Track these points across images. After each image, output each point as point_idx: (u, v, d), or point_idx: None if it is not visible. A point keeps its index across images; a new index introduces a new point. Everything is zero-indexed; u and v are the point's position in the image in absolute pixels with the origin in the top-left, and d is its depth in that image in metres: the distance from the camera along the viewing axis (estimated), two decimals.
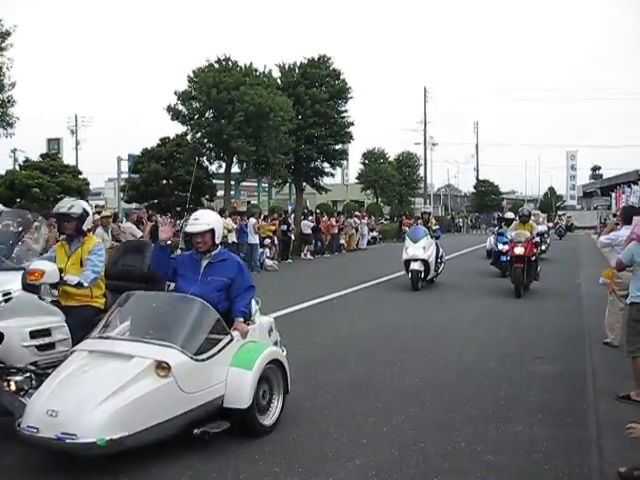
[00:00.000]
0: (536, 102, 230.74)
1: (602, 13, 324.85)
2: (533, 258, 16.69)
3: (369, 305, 15.34)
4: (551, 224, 34.26)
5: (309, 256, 29.37)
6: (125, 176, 33.08)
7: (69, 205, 6.73)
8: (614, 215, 23.72)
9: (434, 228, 19.24)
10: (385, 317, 13.59)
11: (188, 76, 28.77)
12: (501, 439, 6.32)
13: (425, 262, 17.82)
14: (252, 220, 24.04)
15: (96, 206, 36.01)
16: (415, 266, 17.61)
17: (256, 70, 29.81)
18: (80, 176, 27.27)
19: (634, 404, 7.36)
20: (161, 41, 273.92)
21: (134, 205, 29.17)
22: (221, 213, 23.44)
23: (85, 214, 6.75)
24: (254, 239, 23.66)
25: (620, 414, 7.06)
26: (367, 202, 58.37)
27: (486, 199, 75.07)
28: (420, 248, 17.78)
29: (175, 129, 29.40)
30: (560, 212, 72.19)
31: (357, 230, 35.97)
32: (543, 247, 24.63)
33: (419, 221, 19.93)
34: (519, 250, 16.11)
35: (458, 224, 69.57)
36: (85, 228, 6.80)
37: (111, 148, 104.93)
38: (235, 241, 22.59)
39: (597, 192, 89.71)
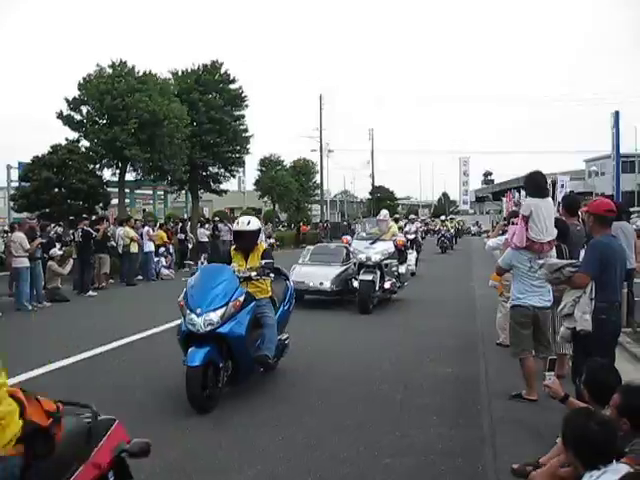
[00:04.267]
0: (430, 109, 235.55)
1: (498, 20, 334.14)
2: None
3: None
4: (399, 239, 17.39)
5: (206, 264, 29.09)
6: (15, 184, 32.10)
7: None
8: (505, 219, 23.78)
9: None
10: None
11: (79, 83, 28.24)
12: (398, 442, 6.38)
13: None
14: (146, 228, 23.70)
15: None
16: None
17: (154, 75, 29.49)
18: None
19: (525, 402, 7.56)
20: (51, 44, 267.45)
21: (25, 214, 28.30)
22: (125, 222, 23.08)
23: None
24: (148, 247, 23.31)
25: (513, 413, 7.27)
26: (264, 209, 58.36)
27: (382, 205, 76.13)
28: None
29: (67, 135, 28.70)
30: (442, 217, 56.42)
31: None
32: (387, 284, 15.42)
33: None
34: None
35: (355, 230, 70.34)
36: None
37: (0, 156, 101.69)
38: (136, 251, 22.18)
39: (489, 197, 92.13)
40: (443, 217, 54.27)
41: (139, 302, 17.69)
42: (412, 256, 22.63)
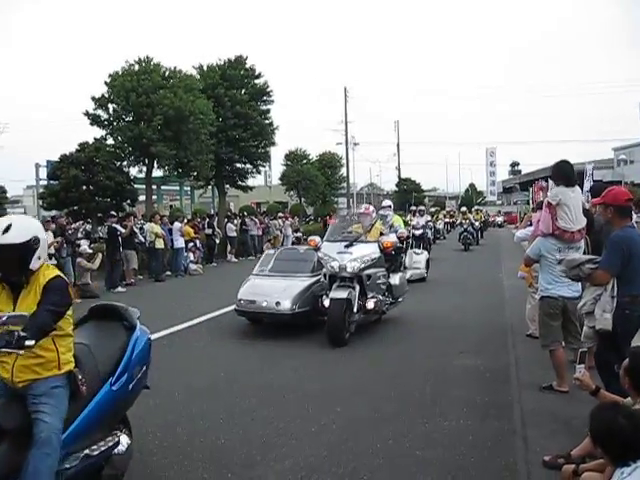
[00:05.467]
0: (456, 100, 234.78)
1: (528, 11, 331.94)
2: None
3: None
4: (386, 240, 11.82)
5: (234, 259, 29.18)
6: (44, 183, 32.41)
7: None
8: (532, 209, 23.23)
9: None
10: None
11: (105, 81, 28.42)
12: (428, 434, 6.38)
13: None
14: (177, 224, 23.79)
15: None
16: None
17: (180, 72, 29.62)
18: None
19: (556, 394, 7.52)
20: (80, 44, 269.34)
21: (53, 212, 28.58)
22: (151, 217, 23.30)
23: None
24: (179, 243, 23.43)
25: (544, 405, 7.22)
26: (291, 203, 58.39)
27: (408, 197, 75.86)
28: None
29: (94, 133, 29.00)
30: (464, 208, 45.53)
31: (281, 231, 35.90)
32: (370, 304, 11.19)
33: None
34: None
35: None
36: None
37: (29, 155, 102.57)
38: (162, 247, 22.25)
39: (516, 187, 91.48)
40: (464, 208, 44.10)
41: (166, 298, 17.69)
42: (422, 257, 20.11)
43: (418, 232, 24.33)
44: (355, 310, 10.83)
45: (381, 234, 12.24)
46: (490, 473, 5.47)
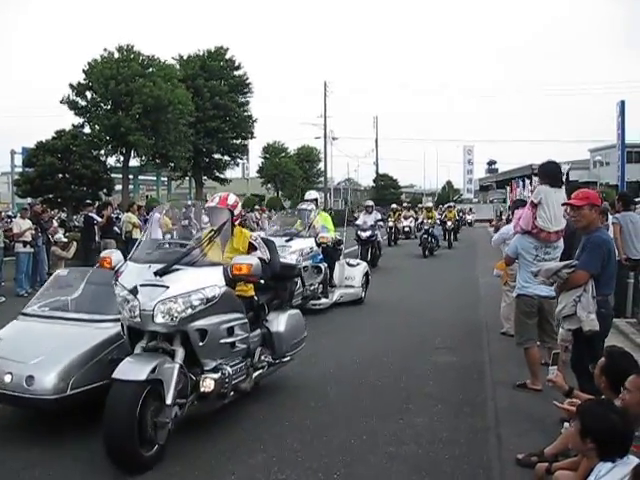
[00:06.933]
0: (436, 98, 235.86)
1: (510, 9, 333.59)
2: None
3: None
4: (241, 262, 5.86)
5: None
6: (19, 170, 32.16)
7: None
8: (509, 208, 22.89)
9: None
10: None
11: (83, 69, 28.20)
12: (402, 430, 6.37)
13: None
14: (156, 215, 23.62)
15: None
16: None
17: (158, 60, 29.42)
18: None
19: (530, 392, 7.53)
20: (57, 29, 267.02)
21: (28, 200, 28.37)
22: (129, 207, 23.18)
23: None
24: (158, 234, 23.27)
25: (517, 402, 7.24)
26: (268, 196, 58.30)
27: (385, 193, 75.90)
28: None
29: (72, 121, 28.65)
30: (429, 204, 35.24)
31: (258, 224, 35.81)
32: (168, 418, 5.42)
33: None
34: None
35: (358, 217, 70.08)
36: None
37: (5, 141, 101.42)
38: (138, 237, 22.11)
39: (493, 186, 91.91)
40: (429, 204, 34.58)
41: None
42: (357, 270, 14.73)
43: (365, 234, 20.57)
44: (169, 401, 5.45)
45: (251, 247, 6.93)
46: (463, 470, 5.46)
